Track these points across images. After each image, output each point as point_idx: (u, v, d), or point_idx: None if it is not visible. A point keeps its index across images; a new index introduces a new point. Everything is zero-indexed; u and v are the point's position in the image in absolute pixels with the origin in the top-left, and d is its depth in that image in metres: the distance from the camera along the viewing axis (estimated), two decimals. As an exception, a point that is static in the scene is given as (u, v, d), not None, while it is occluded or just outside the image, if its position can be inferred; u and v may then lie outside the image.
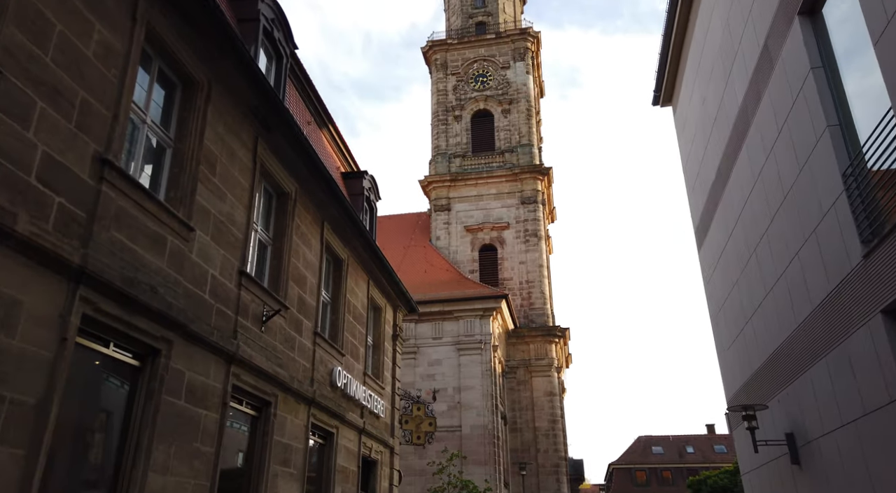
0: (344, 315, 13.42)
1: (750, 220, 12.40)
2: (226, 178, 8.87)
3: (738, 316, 13.98)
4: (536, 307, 45.53)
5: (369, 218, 17.28)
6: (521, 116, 50.42)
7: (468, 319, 38.64)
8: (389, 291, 16.88)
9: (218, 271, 8.43)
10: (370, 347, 15.89)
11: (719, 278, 15.42)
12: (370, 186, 17.07)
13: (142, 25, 7.15)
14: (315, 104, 14.77)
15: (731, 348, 14.94)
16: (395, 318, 17.59)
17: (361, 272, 14.95)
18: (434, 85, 53.47)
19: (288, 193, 11.04)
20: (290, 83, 13.51)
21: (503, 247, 46.73)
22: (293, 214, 11.07)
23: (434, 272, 43.65)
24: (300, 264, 11.30)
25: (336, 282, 13.55)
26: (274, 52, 11.80)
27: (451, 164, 49.34)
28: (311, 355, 11.45)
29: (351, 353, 13.73)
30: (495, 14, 55.38)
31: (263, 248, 10.60)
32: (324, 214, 12.54)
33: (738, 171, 12.92)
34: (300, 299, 11.18)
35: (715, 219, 15.17)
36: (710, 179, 15.29)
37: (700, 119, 15.78)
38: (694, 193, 17.50)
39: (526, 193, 47.52)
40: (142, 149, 7.45)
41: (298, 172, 11.21)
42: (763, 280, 11.98)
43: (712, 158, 14.83)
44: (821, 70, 9.07)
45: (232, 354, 8.43)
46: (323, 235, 12.46)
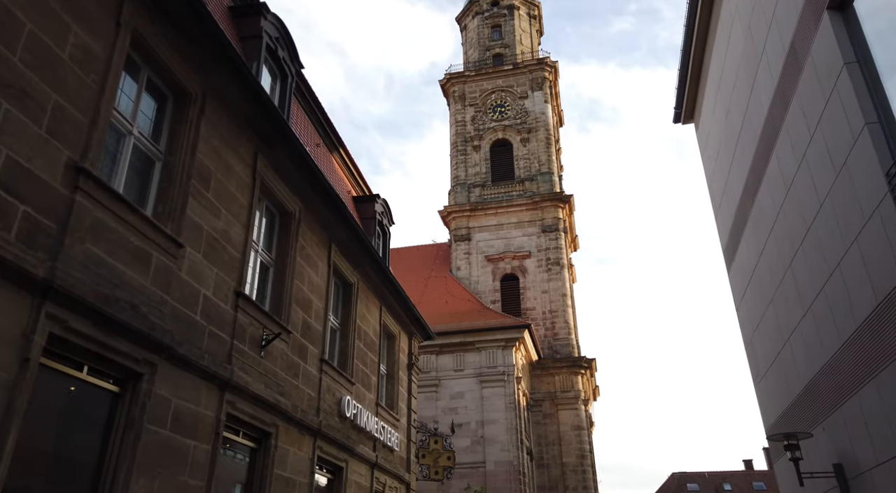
0: (354, 342, 12.81)
1: (783, 233, 11.62)
2: (221, 194, 8.42)
3: (774, 338, 13.08)
4: (561, 338, 44.43)
5: (382, 243, 16.77)
6: (540, 144, 50.07)
7: (490, 350, 37.73)
8: (403, 317, 16.26)
9: (211, 291, 7.91)
10: (383, 376, 15.21)
11: (752, 299, 14.55)
12: (382, 210, 16.60)
13: (127, 31, 6.79)
14: (324, 126, 14.41)
15: (768, 374, 13.98)
16: (410, 346, 16.92)
17: (373, 298, 14.37)
18: (452, 116, 53.49)
19: (291, 213, 10.56)
20: (297, 104, 13.20)
21: (525, 276, 45.92)
22: (297, 235, 10.58)
23: (455, 303, 42.92)
24: (305, 287, 10.76)
25: (345, 307, 12.98)
26: (279, 70, 11.48)
27: (470, 193, 48.97)
28: (317, 383, 10.82)
29: (362, 382, 13.07)
30: (512, 46, 55.54)
31: (265, 269, 10.09)
32: (331, 236, 12.04)
33: (767, 182, 12.20)
34: (305, 323, 10.61)
35: (744, 236, 14.38)
36: (737, 195, 14.54)
37: (724, 133, 15.12)
38: (721, 211, 16.72)
39: (547, 222, 46.85)
40: (127, 160, 7.02)
41: (302, 190, 10.76)
42: (800, 297, 11.14)
43: (739, 171, 14.11)
44: (855, 65, 8.41)
45: (226, 380, 7.85)
46: (330, 257, 11.94)
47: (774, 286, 12.49)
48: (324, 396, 11.03)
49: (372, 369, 13.81)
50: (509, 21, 57.32)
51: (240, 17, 10.79)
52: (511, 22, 57.19)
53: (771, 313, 13.07)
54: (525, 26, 58.03)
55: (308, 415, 10.19)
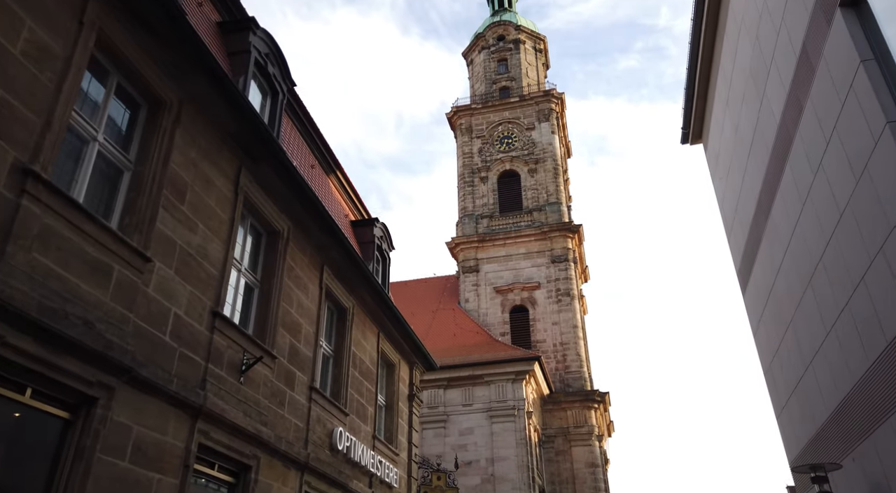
0: (348, 370, 12.14)
1: (801, 249, 10.95)
2: (198, 207, 7.91)
3: (795, 363, 12.28)
4: (572, 371, 43.31)
5: (382, 268, 16.20)
6: (547, 174, 49.73)
7: (500, 383, 36.72)
8: (404, 346, 15.58)
9: (183, 310, 7.34)
10: (381, 407, 14.47)
11: (770, 322, 13.78)
12: (382, 234, 16.07)
13: (91, 31, 6.38)
14: (320, 148, 14.00)
15: (790, 402, 13.13)
16: (411, 376, 16.20)
17: (370, 324, 13.74)
18: (459, 148, 53.42)
19: (279, 232, 10.04)
20: (290, 124, 12.80)
21: (535, 308, 45.05)
22: (285, 255, 10.04)
23: (463, 335, 42.07)
24: (293, 310, 10.17)
25: (339, 333, 12.34)
26: (269, 87, 11.10)
27: (478, 225, 48.50)
28: (305, 413, 10.14)
29: (357, 413, 12.35)
30: (518, 79, 55.64)
31: (249, 290, 9.53)
32: (323, 258, 11.49)
33: (782, 195, 11.57)
34: (293, 348, 9.99)
35: (759, 255, 13.69)
36: (750, 213, 13.91)
37: (734, 149, 14.56)
38: (733, 232, 16.07)
39: (556, 252, 46.17)
40: (90, 167, 6.53)
41: (291, 209, 10.25)
42: (822, 316, 10.41)
43: (751, 188, 13.51)
44: (872, 62, 7.88)
45: (198, 407, 7.22)
46: (322, 280, 11.37)
47: (793, 307, 11.75)
48: (313, 427, 10.33)
49: (368, 400, 13.10)
50: (515, 55, 57.60)
51: (228, 32, 10.47)
52: (517, 55, 57.46)
53: (791, 337, 12.31)
54: (531, 60, 58.28)
55: (294, 447, 9.49)
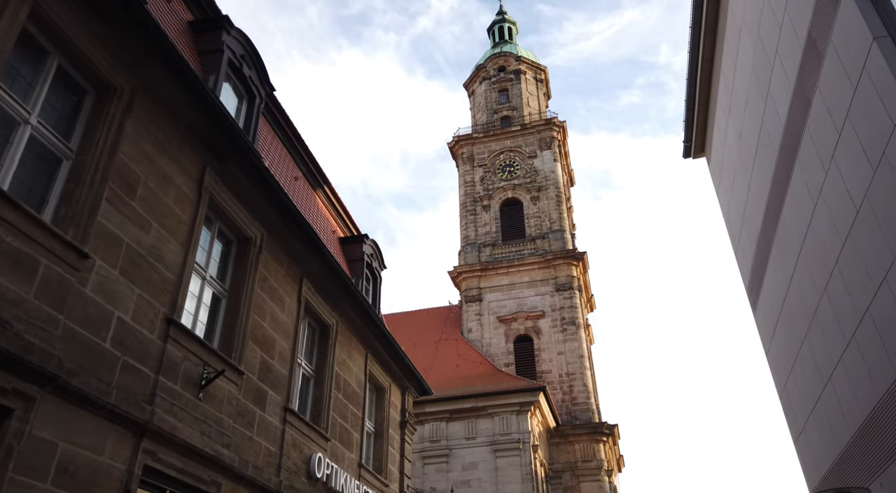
0: (330, 392, 11.29)
1: (814, 254, 10.18)
2: (152, 205, 7.24)
3: (812, 380, 11.39)
4: (580, 402, 42.00)
5: (372, 287, 15.45)
6: (550, 202, 49.15)
7: (504, 415, 35.48)
8: (395, 369, 14.71)
9: (130, 315, 6.60)
10: (370, 434, 13.56)
11: (783, 339, 12.92)
12: (372, 252, 15.36)
13: (22, 3, 5.80)
14: (304, 159, 13.40)
15: (808, 424, 12.18)
16: (403, 401, 15.29)
17: (357, 344, 12.92)
18: (461, 177, 53.06)
19: (251, 239, 9.34)
20: (271, 132, 12.23)
21: (539, 337, 43.97)
22: (256, 264, 9.32)
23: (466, 366, 40.97)
24: (266, 324, 9.40)
25: (321, 352, 11.53)
26: (245, 90, 10.54)
27: (480, 253, 47.78)
28: (278, 436, 9.28)
29: (340, 438, 11.47)
30: (519, 108, 55.54)
31: (216, 300, 8.78)
32: (302, 270, 10.76)
33: (791, 198, 10.85)
34: (264, 365, 9.20)
35: (770, 266, 12.90)
36: (758, 222, 13.17)
37: (738, 157, 13.90)
38: (741, 246, 15.31)
39: (560, 280, 45.27)
40: (19, 152, 5.87)
41: (265, 215, 9.57)
42: (840, 325, 9.58)
43: (758, 195, 12.79)
44: (886, 39, 7.23)
45: (143, 424, 6.42)
46: (301, 293, 10.62)
47: (808, 319, 10.92)
48: (287, 451, 9.46)
49: (354, 425, 12.21)
50: (516, 85, 57.64)
51: (199, 31, 9.95)
52: (518, 86, 57.50)
53: (806, 352, 11.44)
54: (532, 89, 58.30)
55: (264, 473, 8.62)
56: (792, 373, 12.60)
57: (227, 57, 9.94)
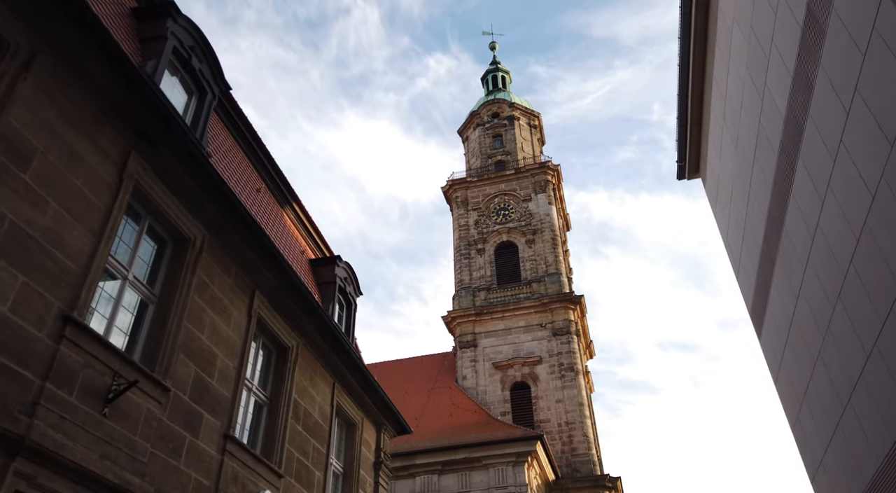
0: (286, 422, 9.99)
1: (824, 255, 9.08)
2: (52, 183, 6.20)
3: (829, 404, 10.11)
4: (580, 453, 39.97)
5: (347, 314, 14.27)
6: (546, 245, 48.20)
7: (499, 466, 33.49)
8: (368, 403, 13.38)
9: (8, 305, 5.47)
10: (338, 475, 12.15)
11: (793, 360, 11.67)
12: (346, 275, 14.24)
13: None
14: (269, 171, 12.43)
15: (827, 457, 10.82)
16: (379, 440, 13.88)
17: (322, 372, 11.66)
18: (455, 221, 52.34)
19: (189, 239, 8.26)
20: (230, 138, 11.31)
21: (537, 384, 42.24)
22: (194, 268, 8.20)
23: (460, 415, 39.16)
24: (204, 336, 8.22)
25: (278, 376, 10.28)
26: (195, 85, 9.66)
27: (475, 297, 46.51)
28: (214, 468, 7.97)
29: (297, 476, 10.10)
30: (514, 153, 55.29)
31: (144, 306, 7.64)
32: (254, 281, 9.64)
33: (795, 199, 9.82)
34: (200, 383, 7.97)
35: (774, 281, 11.77)
36: (759, 235, 12.12)
37: (736, 166, 12.96)
38: (742, 266, 14.21)
39: (557, 324, 43.84)
40: None
41: (208, 213, 8.51)
42: (859, 335, 8.40)
43: (758, 204, 11.79)
44: (898, -7, 6.34)
45: (17, 439, 5.21)
46: (252, 307, 9.46)
47: (821, 332, 9.74)
48: (226, 486, 8.12)
49: (316, 462, 10.84)
50: (510, 130, 57.61)
51: (143, 19, 9.13)
52: (512, 131, 57.46)
53: (821, 373, 10.21)
54: (526, 135, 58.26)
55: (191, 510, 7.30)
56: (805, 401, 11.31)
57: (173, 45, 9.09)
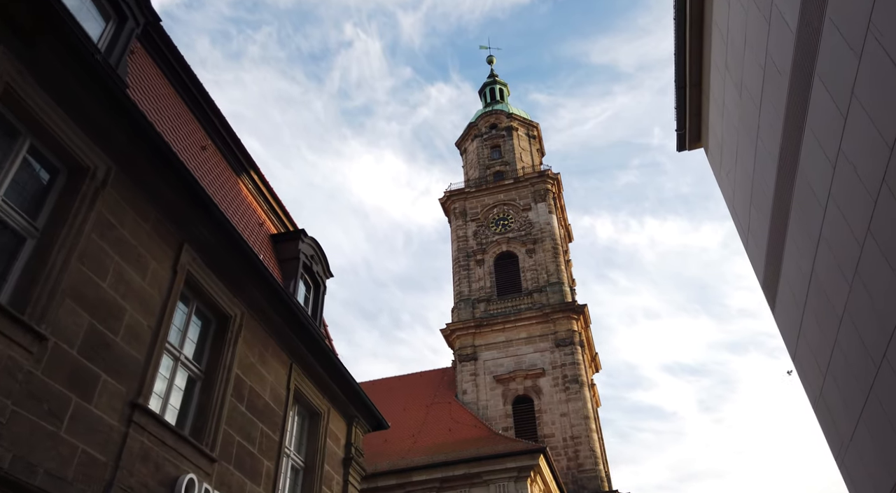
0: (224, 399, 8.55)
1: (850, 185, 7.65)
2: None
3: (859, 366, 8.59)
4: (586, 469, 38.05)
5: (313, 297, 12.88)
6: (547, 254, 46.77)
7: (500, 482, 31.62)
8: (337, 392, 11.91)
9: None
10: (299, 469, 10.65)
11: (814, 326, 10.17)
12: (313, 253, 12.88)
13: None
14: (216, 126, 11.15)
15: (858, 429, 9.27)
16: (349, 435, 12.37)
17: (276, 350, 10.24)
18: (454, 232, 51.07)
19: (86, 169, 6.93)
20: (162, 79, 10.04)
21: (540, 397, 40.46)
22: (92, 201, 6.86)
23: (460, 430, 37.37)
24: (106, 284, 6.85)
25: (215, 348, 8.87)
26: (114, 11, 8.44)
27: (475, 309, 44.96)
28: (115, 441, 6.54)
29: (239, 463, 8.62)
30: (512, 163, 54.20)
31: (20, 240, 6.28)
32: (184, 233, 8.28)
33: (812, 127, 8.43)
34: (95, 336, 6.58)
35: (789, 236, 10.32)
36: (769, 188, 10.73)
37: (741, 116, 11.59)
38: (752, 233, 12.79)
39: (560, 335, 42.20)
40: None
41: (112, 140, 7.18)
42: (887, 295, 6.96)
43: (768, 150, 10.41)
44: None
45: None
46: (179, 261, 8.09)
47: (847, 281, 8.26)
48: (131, 465, 6.68)
49: (266, 450, 9.36)
50: (508, 141, 56.65)
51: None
52: (510, 141, 56.49)
53: (848, 331, 8.71)
54: (524, 145, 57.26)
55: (73, 488, 5.85)
56: (829, 370, 9.79)
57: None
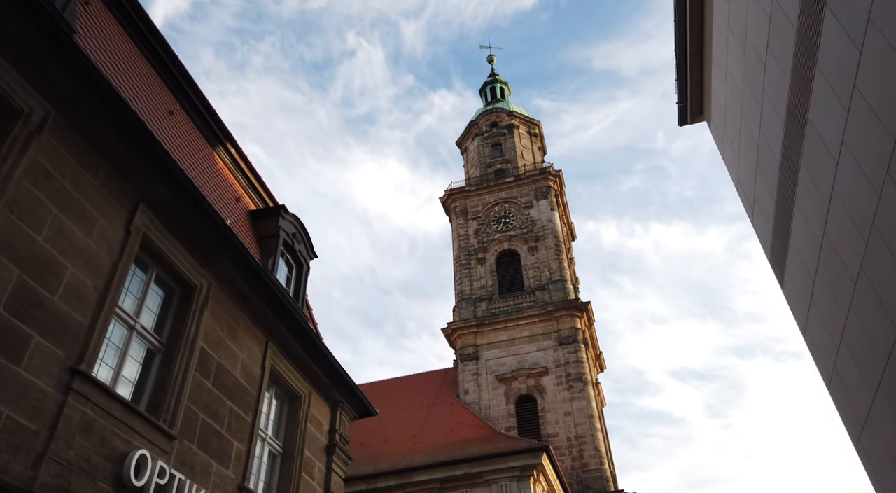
0: (186, 373, 7.86)
1: (866, 128, 6.92)
2: None
3: (878, 332, 7.83)
4: (591, 469, 37.19)
5: (296, 277, 12.20)
6: (549, 251, 46.01)
7: (503, 482, 30.78)
8: (319, 376, 11.21)
9: None
10: (277, 455, 9.95)
11: (826, 294, 9.41)
12: (294, 231, 12.21)
13: None
14: (185, 89, 10.50)
15: (875, 404, 8.49)
16: (333, 421, 11.66)
17: (249, 326, 9.55)
18: (455, 231, 50.40)
19: (19, 112, 6.27)
20: (136, 50, 9.43)
21: (543, 397, 39.64)
22: (25, 145, 6.20)
23: (461, 430, 36.57)
24: (41, 237, 6.18)
25: (178, 319, 8.18)
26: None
27: (476, 308, 44.19)
28: (50, 409, 5.85)
29: (203, 442, 7.92)
30: (514, 161, 53.53)
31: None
32: (140, 192, 7.61)
33: (823, 72, 7.71)
34: (25, 293, 5.90)
35: (799, 197, 9.57)
36: (777, 150, 10.01)
37: (746, 77, 10.87)
38: (758, 202, 12.05)
39: (563, 333, 41.39)
40: None
41: (51, 81, 6.53)
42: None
43: (775, 108, 9.69)
44: None
45: None
46: (132, 222, 7.42)
47: (863, 238, 7.52)
48: (69, 435, 5.99)
49: (236, 431, 8.66)
50: (509, 139, 56.03)
51: None
52: (511, 139, 55.87)
53: (864, 295, 7.96)
54: (526, 143, 56.61)
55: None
56: (843, 340, 9.04)
57: None
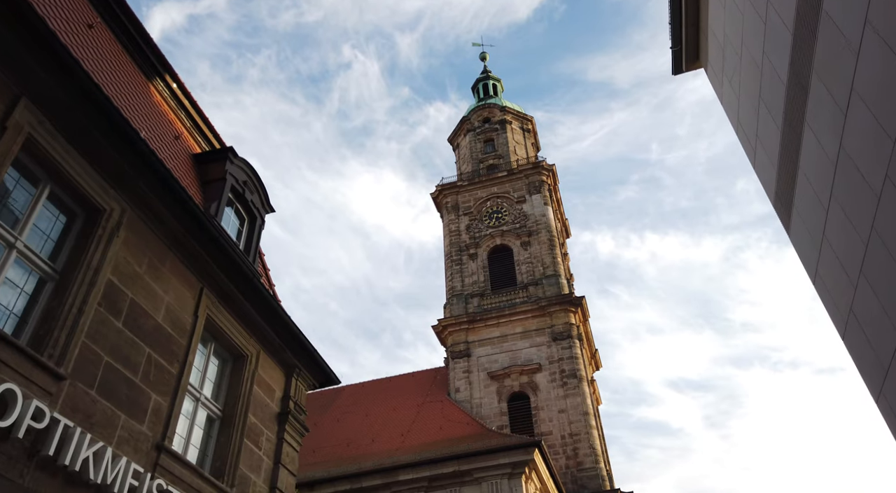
0: (85, 306, 6.58)
1: (889, 36, 5.71)
2: None
3: None
4: (586, 467, 35.77)
5: (248, 230, 10.94)
6: (542, 246, 44.82)
7: (493, 480, 29.31)
8: (272, 337, 9.91)
9: None
10: (216, 419, 8.65)
11: (840, 227, 8.17)
12: (245, 178, 10.95)
13: None
14: (116, 11, 9.27)
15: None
16: (288, 387, 10.34)
17: (177, 266, 8.27)
18: (446, 226, 49.19)
19: None
20: None
21: (537, 394, 38.30)
22: None
23: (451, 428, 35.18)
24: None
25: (79, 246, 6.91)
26: None
27: (468, 304, 42.90)
28: None
29: (105, 389, 6.62)
30: (506, 156, 52.47)
31: None
32: (23, 81, 6.37)
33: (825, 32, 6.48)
34: None
35: (807, 127, 8.34)
36: (782, 72, 8.81)
37: (745, 12, 9.67)
38: (760, 141, 10.85)
39: (557, 328, 40.13)
40: None
41: None
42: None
43: (780, 25, 8.50)
44: None
45: None
46: (12, 116, 6.16)
47: (888, 145, 6.32)
48: None
49: (155, 383, 7.37)
50: (502, 134, 54.99)
51: None
52: (504, 135, 54.83)
53: (891, 212, 6.75)
54: (519, 138, 55.56)
55: None
56: (862, 272, 7.79)
57: None
